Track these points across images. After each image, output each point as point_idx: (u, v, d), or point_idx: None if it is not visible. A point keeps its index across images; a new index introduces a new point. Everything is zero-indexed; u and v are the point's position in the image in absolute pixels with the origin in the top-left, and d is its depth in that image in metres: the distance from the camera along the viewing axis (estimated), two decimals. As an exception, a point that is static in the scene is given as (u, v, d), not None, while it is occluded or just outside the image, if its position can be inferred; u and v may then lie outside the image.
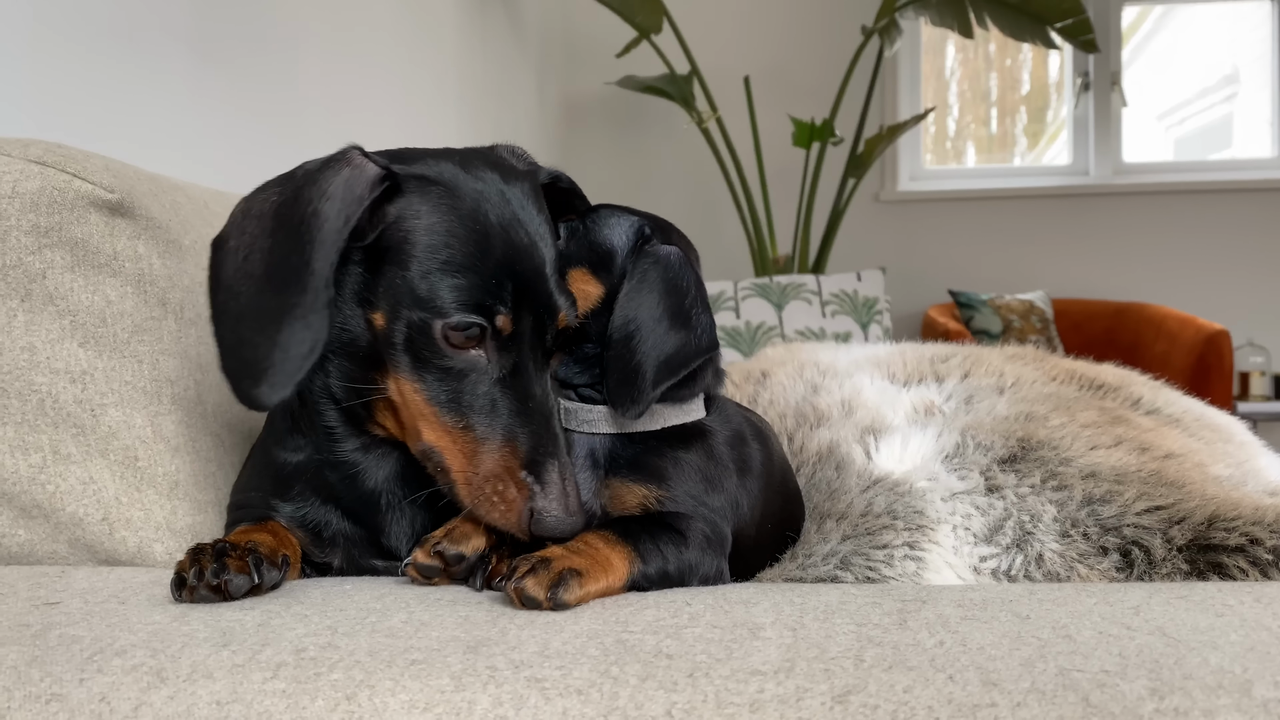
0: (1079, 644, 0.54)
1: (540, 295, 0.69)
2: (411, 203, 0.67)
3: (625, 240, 0.75)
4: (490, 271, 0.66)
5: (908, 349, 1.04)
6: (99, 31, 1.33)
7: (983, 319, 3.73)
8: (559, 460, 0.67)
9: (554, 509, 0.65)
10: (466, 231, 0.67)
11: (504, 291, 0.67)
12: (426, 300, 0.66)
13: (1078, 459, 0.80)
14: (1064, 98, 4.45)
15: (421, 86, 2.66)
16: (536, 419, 0.68)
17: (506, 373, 0.68)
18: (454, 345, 0.66)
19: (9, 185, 0.78)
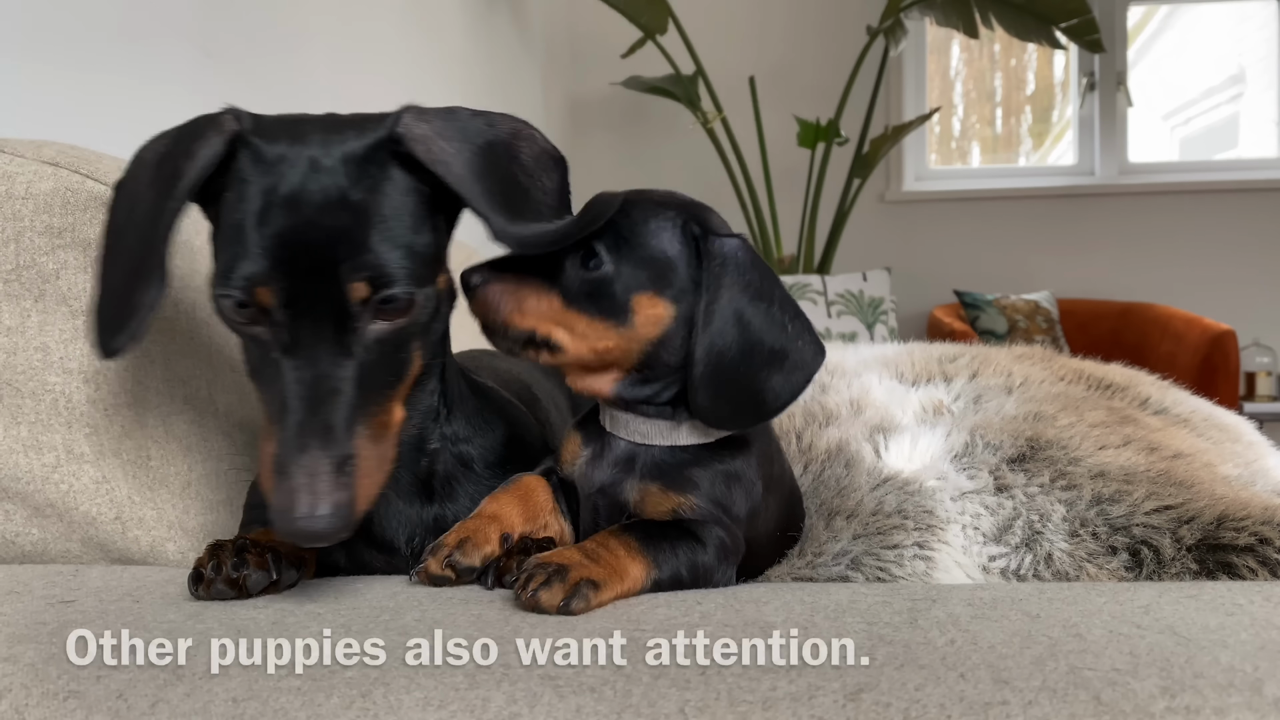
0: (1089, 643, 0.54)
1: (311, 266, 0.62)
2: (237, 172, 0.65)
3: (677, 245, 0.69)
4: (261, 244, 0.62)
5: (915, 349, 1.04)
6: (104, 32, 1.34)
7: (988, 319, 3.73)
8: (307, 451, 0.60)
9: (288, 509, 0.59)
10: (252, 203, 0.63)
11: (268, 264, 0.61)
12: (213, 272, 0.64)
13: (1086, 458, 0.80)
14: (1069, 97, 4.44)
15: (426, 87, 2.67)
16: (298, 403, 0.62)
17: (284, 350, 0.63)
18: (234, 320, 0.64)
19: (22, 186, 0.79)
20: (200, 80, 1.59)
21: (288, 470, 0.60)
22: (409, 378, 0.69)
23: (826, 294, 2.93)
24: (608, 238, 0.68)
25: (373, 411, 0.64)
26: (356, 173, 0.64)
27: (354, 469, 0.61)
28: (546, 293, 0.68)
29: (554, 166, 0.74)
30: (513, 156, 0.71)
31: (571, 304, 0.68)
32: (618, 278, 0.68)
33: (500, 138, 0.71)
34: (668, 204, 0.71)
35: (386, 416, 0.66)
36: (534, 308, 0.68)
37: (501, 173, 0.69)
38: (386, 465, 0.66)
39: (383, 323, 0.64)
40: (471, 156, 0.67)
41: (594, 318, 0.68)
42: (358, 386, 0.63)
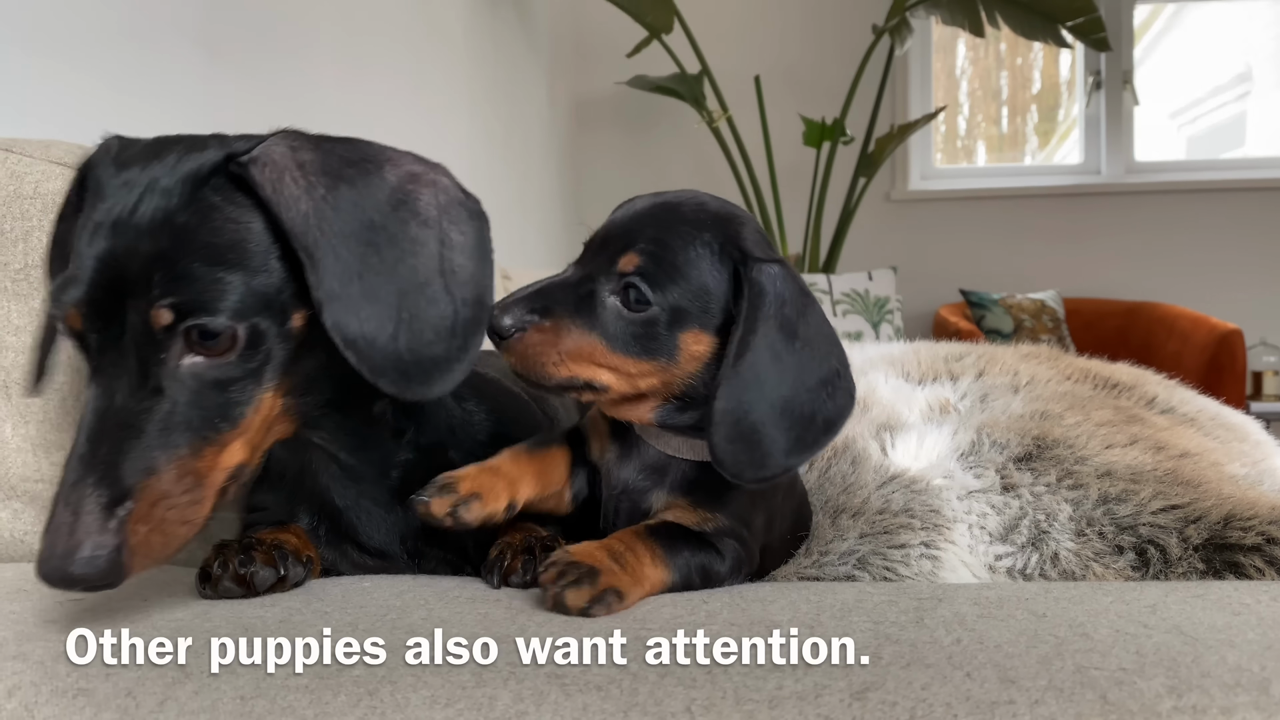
0: (1096, 642, 0.54)
1: (123, 290, 0.57)
2: (85, 201, 0.62)
3: (717, 273, 0.65)
4: (79, 266, 0.58)
5: (922, 347, 1.04)
6: (111, 33, 1.34)
7: (994, 318, 3.73)
8: (78, 487, 0.55)
9: (43, 548, 0.54)
10: (84, 227, 0.60)
11: (82, 286, 0.58)
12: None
13: (1093, 457, 0.80)
14: (1075, 96, 4.43)
15: (431, 86, 2.67)
16: (84, 435, 0.56)
17: (90, 377, 0.59)
18: (75, 344, 0.60)
19: (30, 186, 0.79)
20: (207, 80, 1.59)
21: (55, 506, 0.55)
22: (246, 424, 0.61)
23: (832, 293, 2.93)
24: (647, 269, 0.63)
25: (181, 455, 0.58)
26: (191, 195, 0.59)
27: (128, 514, 0.55)
28: (586, 335, 0.64)
29: (468, 219, 0.65)
30: (402, 203, 0.63)
31: (617, 347, 0.64)
32: (664, 317, 0.64)
33: (389, 182, 0.63)
34: (702, 223, 0.66)
35: (200, 463, 0.59)
36: (576, 354, 0.64)
37: (368, 227, 0.61)
38: (193, 516, 0.58)
39: (198, 358, 0.59)
40: (326, 202, 0.60)
41: (640, 358, 0.65)
42: (161, 425, 0.57)
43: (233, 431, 0.60)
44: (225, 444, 0.60)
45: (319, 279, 0.59)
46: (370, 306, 0.60)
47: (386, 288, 0.61)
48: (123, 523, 0.54)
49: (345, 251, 0.60)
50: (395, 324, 0.61)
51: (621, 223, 0.67)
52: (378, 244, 0.61)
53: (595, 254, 0.67)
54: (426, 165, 0.66)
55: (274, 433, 0.65)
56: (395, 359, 0.61)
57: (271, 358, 0.61)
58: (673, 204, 0.67)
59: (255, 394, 0.61)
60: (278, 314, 0.61)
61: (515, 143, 3.44)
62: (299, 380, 0.64)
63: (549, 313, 0.64)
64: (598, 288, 0.65)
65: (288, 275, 0.61)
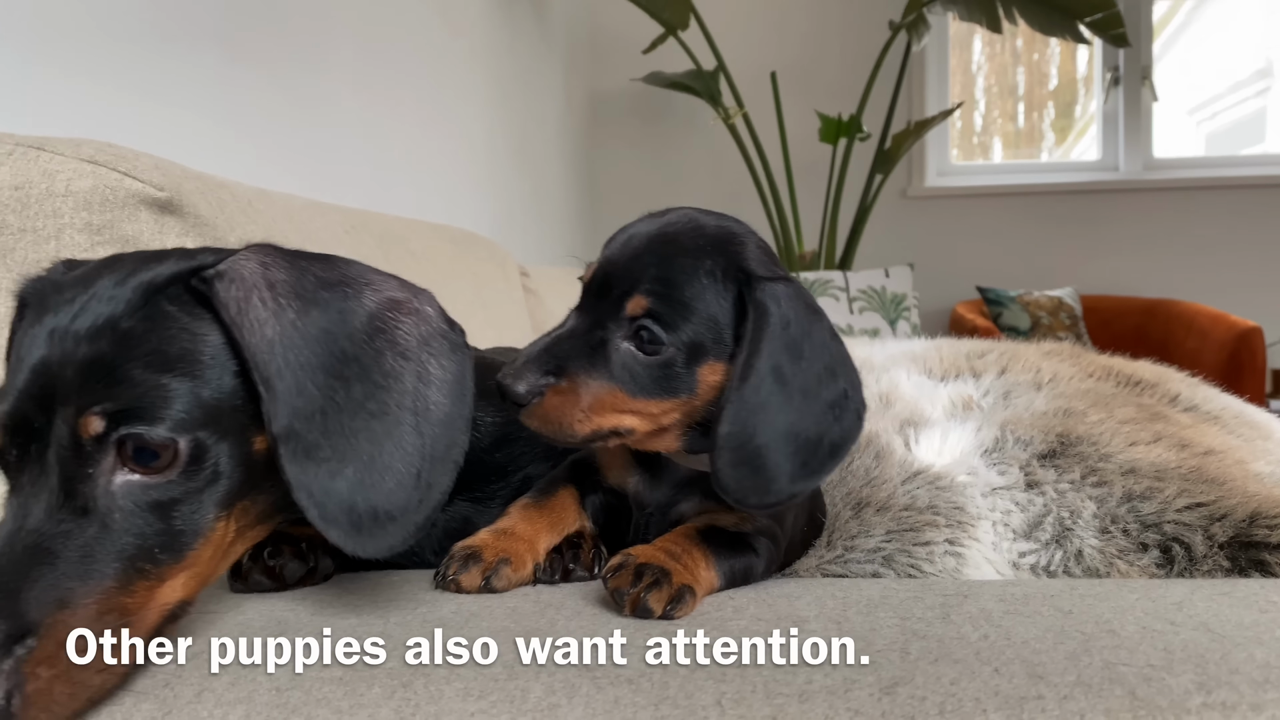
0: (1123, 639, 0.54)
1: (51, 396, 0.52)
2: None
3: (722, 299, 0.63)
4: (5, 380, 0.55)
5: (943, 345, 1.04)
6: (133, 32, 1.36)
7: (1011, 315, 3.72)
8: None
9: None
10: (24, 334, 0.55)
11: (7, 398, 0.53)
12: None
13: (1117, 455, 0.80)
14: (1092, 92, 4.41)
15: (448, 84, 2.68)
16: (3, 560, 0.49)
17: (6, 499, 0.53)
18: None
19: (63, 184, 0.80)
20: (226, 80, 1.60)
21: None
22: (194, 558, 0.54)
23: (849, 290, 2.93)
24: (656, 311, 0.62)
25: (105, 587, 0.50)
26: (140, 301, 0.54)
27: (28, 653, 0.46)
28: (605, 385, 0.63)
29: (450, 352, 0.60)
30: (379, 331, 0.58)
31: (637, 392, 0.63)
32: (680, 355, 0.63)
33: (367, 309, 0.58)
34: (702, 250, 0.64)
35: (129, 599, 0.51)
36: (598, 407, 0.63)
37: (338, 358, 0.56)
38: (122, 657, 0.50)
39: (133, 475, 0.52)
40: (295, 328, 0.55)
41: (662, 398, 0.64)
42: (82, 551, 0.50)
43: (176, 564, 0.53)
44: (164, 578, 0.53)
45: (275, 413, 0.53)
46: (330, 448, 0.54)
47: (351, 427, 0.55)
48: (19, 663, 0.46)
49: (310, 385, 0.55)
50: (356, 469, 0.55)
51: (621, 262, 0.64)
52: (347, 377, 0.56)
53: (598, 298, 0.65)
54: (410, 291, 0.62)
55: (231, 558, 0.59)
56: (349, 509, 0.55)
57: (221, 480, 0.54)
58: (670, 234, 0.65)
59: (204, 522, 0.54)
60: (233, 432, 0.55)
61: (531, 139, 3.45)
62: (262, 508, 0.58)
63: (563, 371, 0.62)
64: (608, 335, 0.63)
65: (248, 395, 0.55)
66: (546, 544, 0.69)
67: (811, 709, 0.48)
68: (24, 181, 0.79)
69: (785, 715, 0.48)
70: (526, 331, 1.86)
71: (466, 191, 2.78)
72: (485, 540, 0.66)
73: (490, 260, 1.80)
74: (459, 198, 2.71)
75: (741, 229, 0.68)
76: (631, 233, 0.66)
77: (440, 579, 0.65)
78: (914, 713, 0.47)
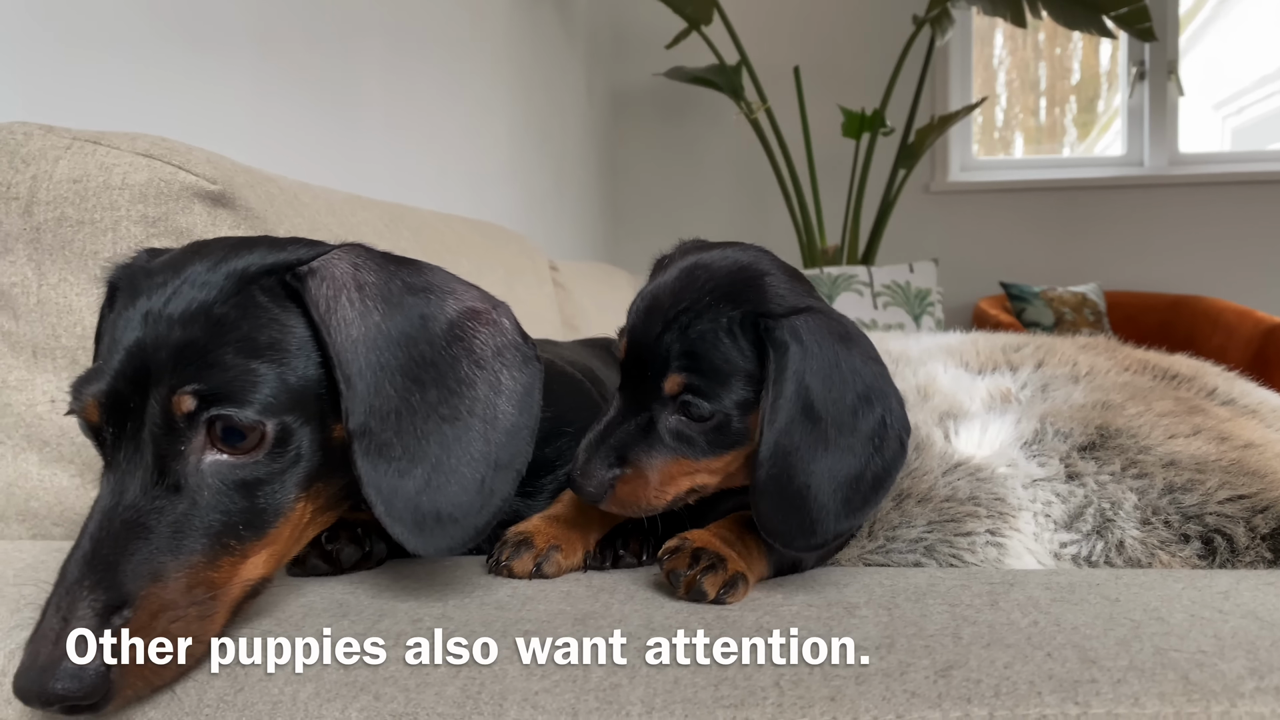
0: (1172, 626, 0.55)
1: (146, 378, 0.54)
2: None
3: (746, 348, 0.63)
4: (99, 363, 0.57)
5: (979, 338, 1.04)
6: (165, 27, 1.38)
7: (1034, 311, 3.70)
8: (73, 589, 0.49)
9: (25, 661, 0.48)
10: (118, 316, 0.58)
11: (103, 378, 0.55)
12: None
13: (1157, 447, 0.80)
14: (1115, 87, 4.38)
15: (473, 78, 2.69)
16: (87, 533, 0.52)
17: (102, 473, 0.55)
18: (93, 441, 0.57)
19: (119, 177, 0.82)
20: (257, 74, 1.62)
21: (45, 610, 0.49)
22: (274, 535, 0.56)
23: (873, 285, 2.93)
24: (693, 385, 0.62)
25: (194, 562, 0.52)
26: (233, 289, 0.57)
27: (124, 623, 0.49)
28: (669, 459, 0.64)
29: (522, 364, 0.62)
30: (457, 339, 0.60)
31: (700, 454, 0.64)
32: (730, 415, 0.63)
33: (444, 314, 0.60)
34: (720, 305, 0.63)
35: (216, 573, 0.53)
36: (669, 480, 0.64)
37: (417, 362, 0.58)
38: (200, 632, 0.52)
39: (221, 455, 0.54)
40: (379, 330, 0.57)
41: (724, 453, 0.65)
42: (174, 527, 0.52)
43: (258, 542, 0.55)
44: (248, 554, 0.55)
45: (353, 410, 0.56)
46: (401, 448, 0.56)
47: (423, 429, 0.57)
48: (117, 632, 0.48)
49: (388, 386, 0.57)
50: (424, 470, 0.57)
51: (648, 340, 0.64)
52: (424, 381, 0.58)
53: (635, 379, 0.66)
54: (490, 303, 0.64)
55: (305, 539, 0.62)
56: (414, 508, 0.57)
57: (302, 463, 0.56)
58: (686, 295, 0.64)
59: (285, 502, 0.56)
60: (314, 418, 0.57)
61: (553, 134, 3.46)
62: (335, 492, 0.60)
63: (625, 460, 0.64)
64: (655, 414, 0.64)
65: (329, 385, 0.57)
66: (598, 532, 0.70)
67: (868, 690, 0.49)
68: (82, 175, 0.81)
69: (843, 696, 0.49)
70: (556, 325, 1.88)
71: (491, 186, 2.80)
72: (537, 526, 0.68)
73: (521, 254, 1.81)
74: (484, 192, 2.72)
75: (757, 262, 0.67)
76: (651, 299, 0.66)
77: (493, 564, 0.66)
78: (970, 694, 0.48)
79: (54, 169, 0.81)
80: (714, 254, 0.67)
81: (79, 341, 0.81)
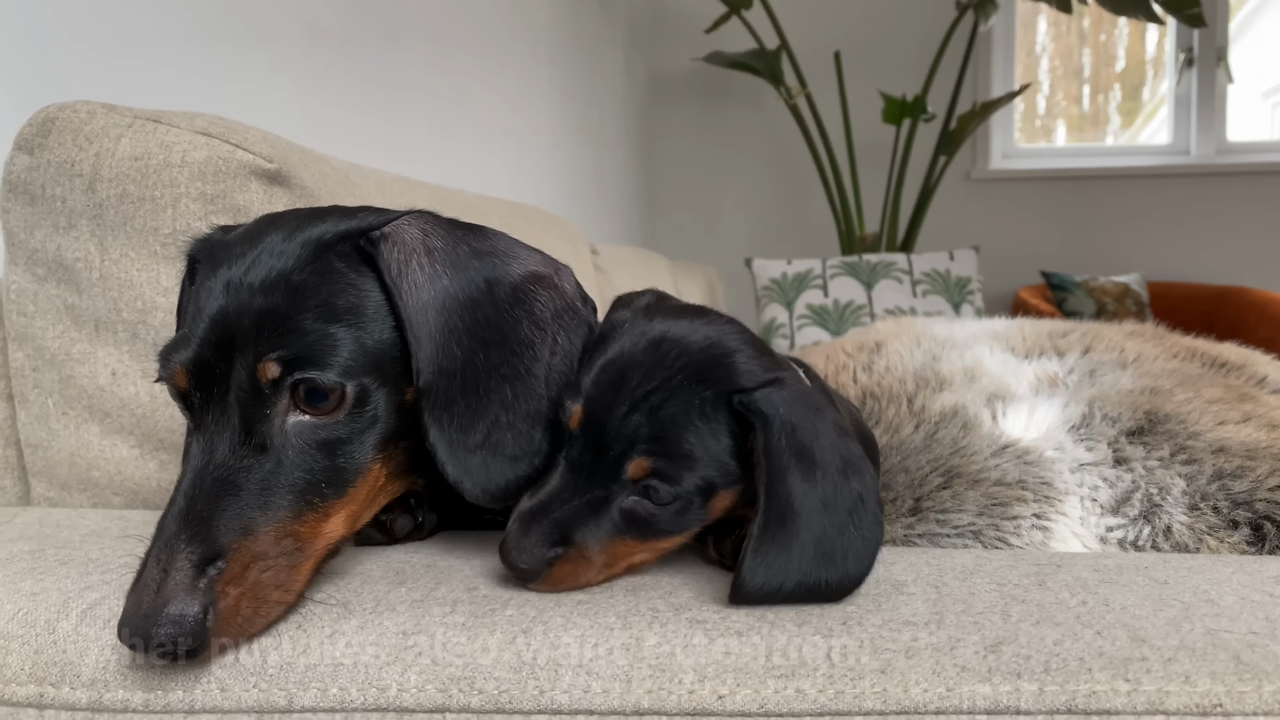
0: (1223, 608, 0.55)
1: (230, 345, 0.57)
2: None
3: (722, 430, 0.59)
4: (184, 331, 0.59)
5: (1025, 324, 1.04)
6: (219, 8, 1.40)
7: (1075, 301, 3.66)
8: (170, 543, 0.52)
9: (127, 610, 0.50)
10: (200, 287, 0.60)
11: (190, 346, 0.57)
12: None
13: (1206, 433, 0.80)
14: (1161, 74, 4.31)
15: (514, 63, 2.71)
16: (181, 491, 0.55)
17: (192, 434, 0.58)
18: (181, 405, 0.59)
19: (179, 155, 0.83)
20: (306, 56, 1.64)
21: (145, 562, 0.52)
22: (353, 494, 0.59)
23: (912, 273, 2.91)
24: (660, 469, 0.58)
25: (282, 518, 0.55)
26: (310, 257, 0.59)
27: (219, 574, 0.51)
28: (615, 541, 0.59)
29: (576, 327, 0.64)
30: (519, 301, 0.62)
31: (649, 536, 0.60)
32: (692, 499, 0.59)
33: (508, 278, 0.62)
34: (691, 382, 0.59)
35: (302, 528, 0.56)
36: (612, 561, 0.60)
37: (482, 323, 0.60)
38: (288, 582, 0.55)
39: (304, 416, 0.57)
40: (447, 293, 0.60)
41: (675, 535, 0.61)
42: (262, 484, 0.55)
43: (339, 500, 0.58)
44: (329, 512, 0.57)
45: (422, 369, 0.58)
46: (465, 405, 0.59)
47: (486, 387, 0.60)
48: (212, 582, 0.51)
49: (454, 347, 0.59)
50: (486, 426, 0.59)
51: (611, 416, 0.59)
52: (488, 342, 0.60)
53: (592, 454, 0.59)
54: (552, 266, 0.66)
55: (380, 503, 0.64)
56: (479, 460, 0.59)
57: (379, 423, 0.59)
58: (655, 372, 0.59)
59: (363, 461, 0.59)
60: (390, 380, 0.59)
61: (592, 118, 3.46)
62: (404, 458, 0.62)
63: (568, 540, 0.58)
64: (610, 494, 0.59)
65: (402, 348, 0.59)
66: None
67: (918, 664, 0.50)
68: (143, 152, 0.83)
69: (894, 669, 0.49)
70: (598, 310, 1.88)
71: (530, 169, 2.81)
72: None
73: (563, 237, 1.82)
74: (523, 176, 2.74)
75: (726, 337, 0.63)
76: (616, 372, 0.60)
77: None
78: (1020, 669, 0.49)
79: (116, 147, 0.83)
80: (683, 326, 0.62)
81: (139, 315, 0.83)
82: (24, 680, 0.54)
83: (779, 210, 4.32)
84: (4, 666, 0.55)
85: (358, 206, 0.65)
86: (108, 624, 0.56)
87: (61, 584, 0.60)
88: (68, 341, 0.84)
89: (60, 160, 0.83)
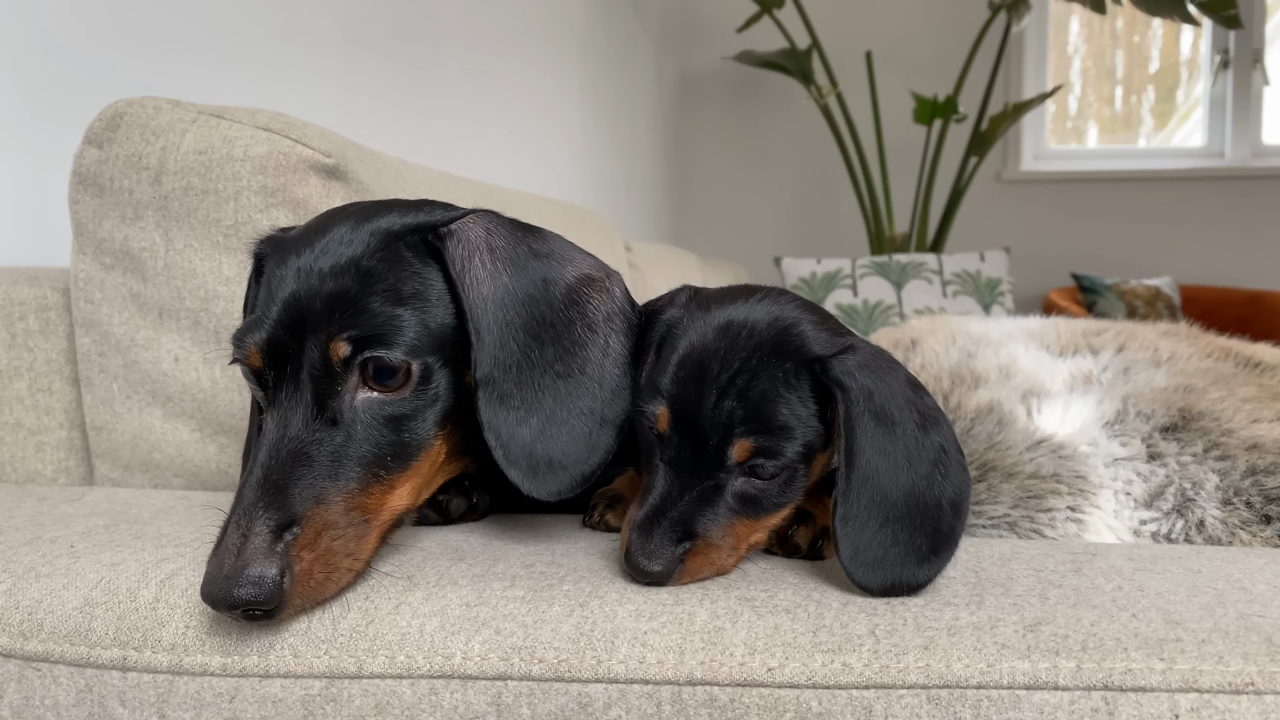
0: (1255, 595, 0.57)
1: (302, 325, 0.60)
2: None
3: (808, 398, 0.61)
4: (261, 310, 0.62)
5: (1059, 322, 1.05)
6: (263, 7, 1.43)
7: (1106, 304, 3.65)
8: (250, 510, 0.55)
9: (210, 572, 0.53)
10: (271, 276, 0.63)
11: (263, 327, 0.61)
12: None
13: (1240, 430, 0.81)
14: (1196, 76, 4.28)
15: (547, 62, 2.74)
16: (258, 462, 0.58)
17: (266, 409, 0.61)
18: (254, 384, 0.63)
19: (240, 149, 0.87)
20: (346, 54, 1.68)
21: (225, 528, 0.55)
22: (416, 468, 0.62)
23: (942, 273, 2.91)
24: (762, 447, 0.60)
25: (350, 489, 0.58)
26: (378, 245, 0.62)
27: (294, 539, 0.55)
28: (734, 524, 0.61)
29: (627, 331, 0.67)
30: (574, 303, 0.65)
31: (764, 513, 0.62)
32: (794, 470, 0.61)
33: (563, 279, 0.65)
34: (771, 360, 0.61)
35: (369, 499, 0.59)
36: (738, 544, 0.61)
37: (538, 321, 0.63)
38: (357, 550, 0.58)
39: (373, 393, 0.60)
40: (507, 290, 0.63)
41: (784, 508, 0.63)
42: (333, 456, 0.58)
43: (403, 473, 0.61)
44: (394, 485, 0.61)
45: (480, 360, 0.61)
46: (520, 399, 0.61)
47: (540, 383, 0.62)
48: (288, 547, 0.54)
49: (511, 341, 0.62)
50: (539, 420, 0.62)
51: (701, 408, 0.60)
52: (543, 339, 0.63)
53: (689, 449, 0.61)
54: (604, 271, 0.69)
55: (439, 480, 0.67)
56: (529, 454, 0.61)
57: (440, 401, 0.62)
58: (736, 357, 0.61)
59: (427, 437, 0.62)
60: (451, 362, 0.62)
61: (623, 117, 3.49)
62: (461, 438, 0.65)
63: (692, 534, 0.59)
64: (720, 481, 0.61)
65: (463, 334, 0.62)
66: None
67: (960, 641, 0.52)
68: (207, 147, 0.86)
69: (936, 646, 0.52)
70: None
71: (562, 166, 2.84)
72: (625, 486, 0.73)
73: (598, 234, 1.85)
74: (555, 172, 2.77)
75: (789, 309, 0.65)
76: (696, 366, 0.62)
77: (591, 520, 0.71)
78: (1058, 648, 0.51)
79: (181, 141, 0.86)
80: (741, 308, 0.65)
81: (201, 304, 0.87)
82: (109, 644, 0.57)
83: (808, 209, 4.33)
84: (90, 631, 0.58)
85: (419, 200, 0.69)
86: (185, 593, 0.59)
87: (139, 555, 0.63)
88: (133, 328, 0.88)
89: (128, 154, 0.86)
